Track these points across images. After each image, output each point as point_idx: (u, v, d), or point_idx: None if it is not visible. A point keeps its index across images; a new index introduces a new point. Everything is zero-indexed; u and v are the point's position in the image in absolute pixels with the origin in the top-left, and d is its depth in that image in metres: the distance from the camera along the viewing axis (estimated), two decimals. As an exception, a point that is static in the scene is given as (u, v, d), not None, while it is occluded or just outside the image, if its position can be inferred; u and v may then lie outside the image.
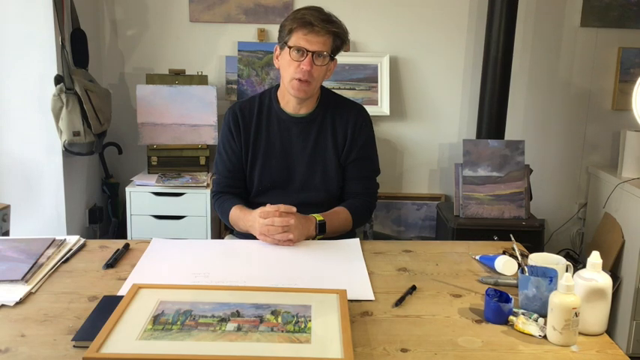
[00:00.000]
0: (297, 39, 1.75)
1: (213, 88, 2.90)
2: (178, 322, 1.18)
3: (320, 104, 1.91)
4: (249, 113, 1.91)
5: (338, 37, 1.79)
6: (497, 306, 1.26)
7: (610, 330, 2.12)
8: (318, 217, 1.77)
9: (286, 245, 1.67)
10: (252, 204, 1.92)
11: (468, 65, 3.19)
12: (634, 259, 2.72)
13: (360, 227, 2.06)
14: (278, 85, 1.92)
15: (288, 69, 1.78)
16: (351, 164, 1.92)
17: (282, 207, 1.69)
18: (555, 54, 3.20)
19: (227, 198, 1.92)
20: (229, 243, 1.79)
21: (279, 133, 1.89)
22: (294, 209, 1.69)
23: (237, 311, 1.22)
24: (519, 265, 1.39)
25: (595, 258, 1.24)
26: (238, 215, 1.84)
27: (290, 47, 1.76)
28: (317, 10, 1.78)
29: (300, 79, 1.76)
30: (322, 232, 1.76)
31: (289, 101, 1.88)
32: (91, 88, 2.66)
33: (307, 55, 1.74)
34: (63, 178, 2.69)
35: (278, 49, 1.84)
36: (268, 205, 1.71)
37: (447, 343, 1.18)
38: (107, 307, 1.24)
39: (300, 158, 1.89)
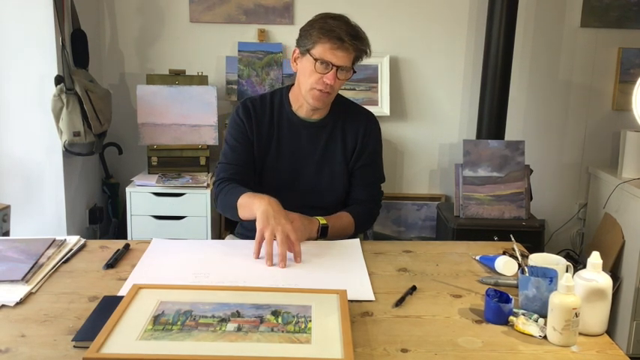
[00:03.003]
0: (324, 51, 1.71)
1: (214, 89, 2.90)
2: (178, 323, 1.18)
3: (332, 110, 1.90)
4: (261, 110, 1.88)
5: (362, 52, 1.77)
6: (498, 306, 1.26)
7: (610, 330, 2.12)
8: (322, 220, 1.77)
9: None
10: None
11: (468, 65, 3.19)
12: (634, 260, 2.71)
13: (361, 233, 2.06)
14: (288, 87, 1.91)
15: (309, 78, 1.75)
16: (357, 170, 1.91)
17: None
18: (555, 54, 3.20)
19: (236, 185, 1.77)
20: (229, 243, 1.78)
21: (289, 136, 1.88)
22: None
23: (237, 311, 1.22)
24: (519, 265, 1.39)
25: (595, 258, 1.24)
26: (248, 199, 1.67)
27: (316, 59, 1.72)
28: (345, 23, 1.74)
29: (321, 91, 1.75)
30: (324, 236, 1.76)
31: (303, 106, 1.86)
32: (92, 89, 2.66)
33: (333, 69, 1.73)
34: (63, 179, 2.69)
35: (297, 52, 1.80)
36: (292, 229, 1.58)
37: (447, 343, 1.18)
38: (107, 307, 1.24)
39: (308, 162, 1.88)
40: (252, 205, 1.64)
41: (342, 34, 1.70)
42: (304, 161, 1.89)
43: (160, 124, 2.89)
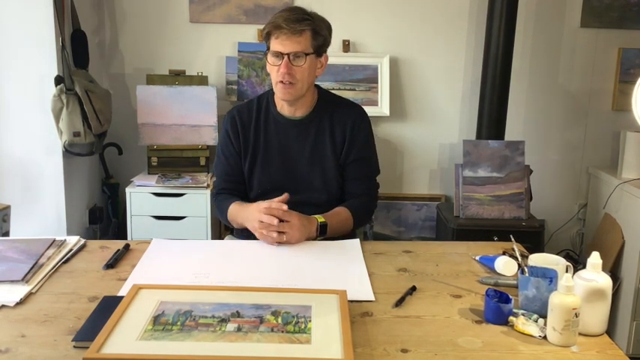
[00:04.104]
0: (273, 43, 1.77)
1: (214, 89, 2.90)
2: (178, 323, 1.18)
3: (317, 106, 1.91)
4: (247, 117, 1.92)
5: (317, 34, 1.78)
6: (497, 306, 1.26)
7: (610, 330, 2.11)
8: (320, 218, 1.77)
9: (271, 242, 1.68)
10: None
11: (468, 65, 3.19)
12: (634, 260, 2.71)
13: (360, 227, 2.06)
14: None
15: (272, 73, 1.81)
16: (350, 165, 1.92)
17: (274, 204, 1.69)
18: (555, 54, 3.20)
19: (225, 197, 1.93)
20: (229, 243, 1.79)
21: (277, 136, 1.89)
22: (284, 207, 1.69)
23: (237, 312, 1.22)
24: (519, 265, 1.40)
25: (595, 258, 1.24)
26: (237, 209, 1.84)
27: (267, 53, 1.79)
28: (290, 11, 1.78)
29: (282, 82, 1.77)
30: (323, 234, 1.76)
31: (284, 104, 1.88)
32: (92, 89, 2.66)
33: (283, 58, 1.75)
34: (63, 179, 2.69)
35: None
36: (266, 202, 1.71)
37: (447, 343, 1.18)
38: (107, 307, 1.24)
39: (299, 160, 1.89)
40: (242, 216, 1.81)
41: (280, 21, 1.74)
42: (295, 159, 1.89)
43: (160, 125, 2.89)
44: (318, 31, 1.78)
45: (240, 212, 1.82)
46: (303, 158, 1.89)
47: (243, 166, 1.93)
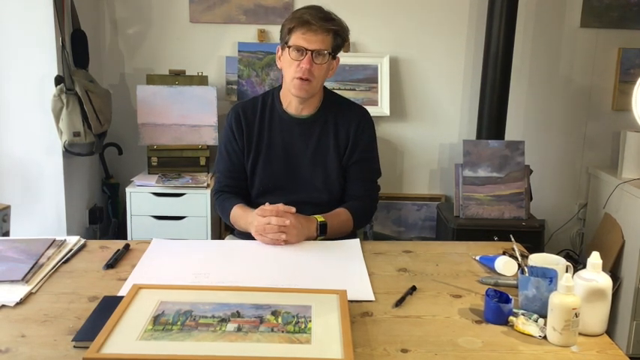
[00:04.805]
0: (297, 38, 1.76)
1: (214, 89, 2.90)
2: (178, 323, 1.18)
3: (322, 106, 1.91)
4: (251, 113, 1.91)
5: (338, 35, 1.79)
6: (497, 306, 1.26)
7: (610, 330, 2.12)
8: (320, 218, 1.77)
9: (280, 245, 1.67)
10: (253, 204, 1.92)
11: (468, 65, 3.19)
12: (634, 260, 2.71)
13: (360, 229, 2.06)
14: (280, 86, 1.93)
15: (290, 68, 1.79)
16: (352, 166, 1.92)
17: (281, 206, 1.69)
18: (555, 54, 3.20)
19: (228, 197, 1.92)
20: (230, 243, 1.79)
21: (281, 134, 1.89)
22: (293, 209, 1.70)
23: (237, 312, 1.22)
24: (519, 265, 1.40)
25: (595, 258, 1.24)
26: (239, 214, 1.84)
27: (290, 47, 1.77)
28: (315, 9, 1.79)
29: (301, 78, 1.77)
30: (323, 234, 1.76)
31: (291, 102, 1.88)
32: (92, 89, 2.66)
33: (307, 53, 1.75)
34: (63, 179, 2.69)
35: (280, 49, 1.85)
36: (267, 204, 1.72)
37: (447, 343, 1.18)
38: (107, 307, 1.24)
39: (302, 159, 1.89)
40: (244, 221, 1.81)
41: (309, 17, 1.74)
42: (298, 158, 1.89)
43: (160, 125, 2.89)
44: (340, 33, 1.80)
45: (244, 217, 1.81)
46: (306, 158, 1.89)
47: (245, 164, 1.92)
